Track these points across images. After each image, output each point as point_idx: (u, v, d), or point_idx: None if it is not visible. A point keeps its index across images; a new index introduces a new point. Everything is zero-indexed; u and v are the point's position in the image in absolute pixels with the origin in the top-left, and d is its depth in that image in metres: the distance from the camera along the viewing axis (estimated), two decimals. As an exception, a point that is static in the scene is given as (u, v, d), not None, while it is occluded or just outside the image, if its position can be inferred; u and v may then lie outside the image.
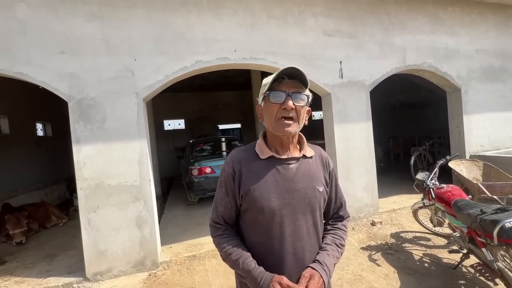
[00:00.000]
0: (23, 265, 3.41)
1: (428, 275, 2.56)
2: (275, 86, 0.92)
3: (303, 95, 0.93)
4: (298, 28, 3.78)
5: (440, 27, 4.61)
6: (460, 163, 4.29)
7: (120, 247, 2.98)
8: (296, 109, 0.92)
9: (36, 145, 7.12)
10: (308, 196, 0.97)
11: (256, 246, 0.97)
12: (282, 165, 0.98)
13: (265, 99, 0.94)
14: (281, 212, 0.94)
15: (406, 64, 4.39)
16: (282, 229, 0.95)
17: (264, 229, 0.95)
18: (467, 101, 4.81)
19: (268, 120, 0.96)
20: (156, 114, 8.81)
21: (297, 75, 0.92)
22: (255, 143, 1.04)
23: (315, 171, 1.03)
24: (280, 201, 0.94)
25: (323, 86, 3.92)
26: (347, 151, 4.05)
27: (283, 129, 0.91)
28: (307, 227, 0.98)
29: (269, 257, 0.95)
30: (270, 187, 0.94)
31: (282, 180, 0.96)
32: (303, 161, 1.02)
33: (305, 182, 0.98)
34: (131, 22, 3.06)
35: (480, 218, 2.01)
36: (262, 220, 0.95)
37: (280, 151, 0.99)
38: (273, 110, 0.92)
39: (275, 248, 0.95)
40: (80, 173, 2.88)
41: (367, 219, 4.06)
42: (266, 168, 0.97)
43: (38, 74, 2.78)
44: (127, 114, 3.03)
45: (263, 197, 0.93)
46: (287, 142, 0.99)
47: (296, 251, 0.96)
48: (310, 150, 1.05)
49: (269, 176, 0.95)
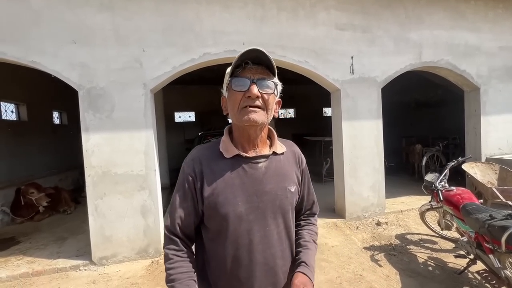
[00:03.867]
0: (35, 246, 3.58)
1: (431, 279, 2.49)
2: (238, 73, 0.81)
3: (269, 82, 0.82)
4: (309, 21, 3.69)
5: (461, 22, 4.37)
6: (475, 165, 4.12)
7: (125, 234, 3.07)
8: (263, 97, 0.81)
9: (52, 133, 7.41)
10: (279, 197, 0.87)
11: (224, 259, 0.85)
12: (249, 164, 0.86)
13: (229, 88, 0.83)
14: (249, 218, 0.84)
15: (422, 61, 4.21)
16: (251, 236, 0.84)
17: (230, 238, 0.84)
18: (486, 101, 4.57)
19: (231, 111, 0.84)
20: (167, 106, 8.92)
21: (263, 60, 0.81)
22: (220, 140, 0.91)
23: (287, 169, 0.92)
24: (247, 205, 0.83)
25: (332, 82, 3.83)
26: (355, 149, 3.96)
27: (248, 117, 0.79)
28: (278, 231, 0.88)
29: (237, 270, 0.84)
30: (236, 190, 0.83)
31: (250, 181, 0.85)
32: (274, 159, 0.90)
33: (275, 183, 0.88)
34: (141, 13, 3.08)
35: (489, 224, 1.92)
36: (227, 228, 0.83)
37: (247, 148, 0.88)
38: (236, 99, 0.81)
39: (243, 259, 0.84)
40: (88, 160, 2.96)
41: (373, 219, 3.98)
42: (231, 169, 0.85)
43: (51, 63, 2.86)
44: (134, 105, 3.08)
45: (228, 201, 0.82)
46: (255, 137, 0.87)
47: (267, 260, 0.86)
48: (281, 146, 0.94)
49: (234, 178, 0.84)
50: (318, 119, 12.78)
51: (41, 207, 4.60)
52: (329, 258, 2.99)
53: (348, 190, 3.96)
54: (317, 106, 12.68)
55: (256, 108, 0.80)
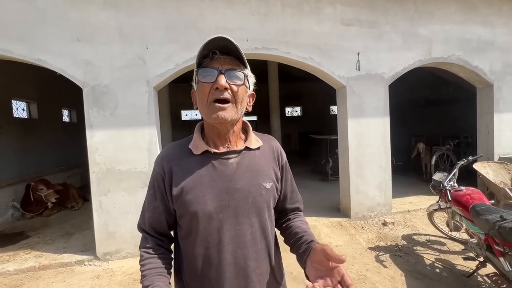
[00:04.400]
0: (43, 241, 3.66)
1: (438, 281, 2.41)
2: (206, 63, 0.76)
3: (239, 73, 0.77)
4: (314, 17, 3.62)
5: (474, 16, 4.21)
6: (487, 165, 3.97)
7: (129, 230, 3.09)
8: (232, 90, 0.76)
9: (62, 130, 7.57)
10: (252, 195, 0.82)
11: (195, 258, 0.83)
12: (219, 160, 0.83)
13: (197, 80, 0.78)
14: (218, 216, 0.80)
15: (432, 57, 4.08)
16: (220, 236, 0.81)
17: (200, 237, 0.81)
18: (499, 98, 4.40)
19: (200, 105, 0.79)
20: (174, 104, 9.00)
21: (231, 49, 0.76)
22: (191, 137, 0.88)
23: (262, 164, 0.87)
24: (217, 203, 0.80)
25: (338, 79, 3.75)
26: (361, 147, 3.88)
27: (216, 115, 0.75)
28: (252, 231, 0.83)
29: (207, 270, 0.82)
30: (205, 187, 0.80)
31: (220, 178, 0.81)
32: (247, 154, 0.86)
33: (247, 179, 0.83)
34: (144, 10, 3.08)
35: (499, 225, 1.84)
36: (197, 227, 0.80)
37: (219, 144, 0.84)
38: (204, 91, 0.76)
39: (213, 259, 0.81)
40: (93, 157, 3.00)
41: (379, 219, 3.90)
42: (200, 166, 0.82)
43: (56, 61, 2.90)
44: (138, 102, 3.09)
45: (197, 200, 0.79)
46: (225, 132, 0.83)
47: (238, 260, 0.82)
48: (256, 141, 0.89)
49: (204, 175, 0.81)
50: (325, 117, 12.65)
51: (50, 203, 4.70)
52: (332, 258, 2.93)
53: (353, 189, 3.88)
54: (324, 104, 12.55)
55: (225, 104, 0.76)
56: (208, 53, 0.76)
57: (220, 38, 0.74)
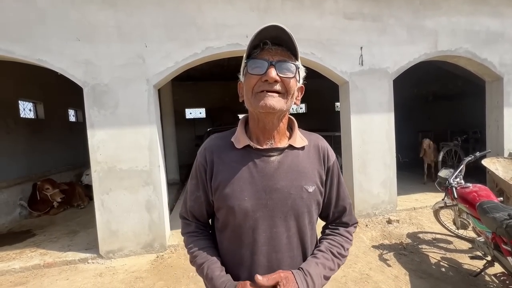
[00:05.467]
0: (49, 239, 3.72)
1: (443, 281, 2.35)
2: (256, 54, 0.73)
3: (291, 64, 0.72)
4: (316, 11, 3.54)
5: (482, 6, 4.05)
6: (496, 161, 3.85)
7: (131, 229, 3.11)
8: (284, 82, 0.72)
9: (68, 130, 7.68)
10: (291, 197, 0.78)
11: (226, 254, 0.83)
12: (261, 157, 0.80)
13: (246, 71, 0.75)
14: (255, 215, 0.77)
15: (438, 50, 3.95)
16: (255, 235, 0.78)
17: (235, 233, 0.80)
18: (510, 91, 4.24)
19: (246, 96, 0.76)
20: (178, 103, 9.00)
21: (284, 40, 0.72)
22: (235, 129, 0.87)
23: (306, 165, 0.83)
24: (254, 201, 0.77)
25: (340, 74, 3.67)
26: (364, 144, 3.80)
27: (264, 102, 0.71)
28: (288, 235, 0.80)
29: (238, 269, 0.80)
30: (243, 183, 0.78)
31: (259, 175, 0.78)
32: (290, 153, 0.82)
33: (289, 180, 0.79)
34: (143, 8, 3.06)
35: (507, 224, 1.77)
36: (233, 223, 0.79)
37: (262, 140, 0.81)
38: (251, 83, 0.73)
39: (246, 259, 0.79)
40: (94, 156, 3.01)
41: (383, 217, 3.83)
42: (241, 160, 0.80)
43: (56, 61, 2.92)
44: (138, 101, 3.09)
45: (234, 194, 0.77)
46: (271, 126, 0.78)
47: (272, 263, 0.78)
48: (302, 139, 0.85)
49: (243, 170, 0.79)
50: (330, 113, 12.49)
51: (56, 202, 4.78)
52: (335, 256, 2.89)
53: (357, 187, 3.81)
54: (329, 100, 12.38)
55: (274, 93, 0.72)
56: (259, 43, 0.73)
57: (273, 27, 0.70)
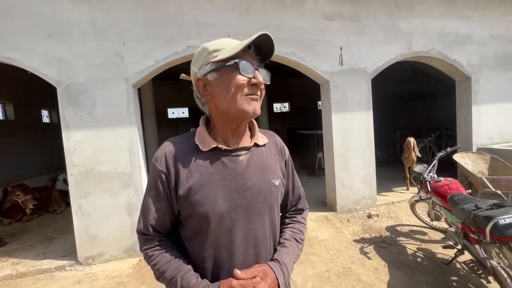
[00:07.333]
0: (22, 247, 3.52)
1: (419, 270, 2.48)
2: (242, 55, 0.73)
3: (267, 71, 0.78)
4: (296, 11, 3.60)
5: (452, 10, 4.30)
6: (466, 156, 4.10)
7: (111, 233, 3.01)
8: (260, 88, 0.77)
9: (41, 132, 7.28)
10: (262, 192, 0.81)
11: (203, 261, 0.80)
12: (229, 157, 0.80)
13: (223, 70, 0.73)
14: (230, 216, 0.77)
15: (412, 51, 4.14)
16: (232, 236, 0.78)
17: (210, 239, 0.78)
18: (477, 90, 4.53)
19: (229, 97, 0.73)
20: (159, 102, 8.80)
21: (263, 48, 0.75)
22: (194, 131, 0.83)
23: (270, 161, 0.86)
24: (228, 203, 0.77)
25: (321, 74, 3.76)
26: (345, 141, 3.91)
27: (253, 107, 0.74)
28: (263, 230, 0.82)
29: (217, 272, 0.79)
30: (215, 186, 0.76)
31: (231, 176, 0.78)
32: (255, 151, 0.84)
33: (258, 176, 0.81)
34: (120, 5, 2.97)
35: (474, 214, 1.89)
36: (207, 229, 0.77)
37: (230, 140, 0.81)
38: (240, 84, 0.72)
39: (224, 260, 0.79)
40: (70, 159, 2.88)
41: (364, 211, 3.97)
42: (209, 163, 0.78)
43: (27, 59, 2.76)
44: (116, 101, 2.99)
45: (207, 200, 0.75)
46: (243, 128, 0.82)
47: (249, 260, 0.80)
48: (262, 137, 0.88)
49: (214, 173, 0.77)
50: (313, 112, 12.71)
51: (28, 209, 4.51)
52: (318, 251, 2.97)
53: (339, 183, 3.92)
54: (312, 99, 12.60)
55: (258, 98, 0.76)
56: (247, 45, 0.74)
57: (266, 35, 0.71)
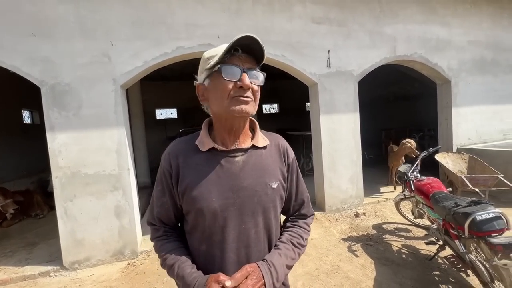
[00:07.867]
0: (2, 254, 3.37)
1: (404, 266, 2.58)
2: (226, 59, 0.76)
3: (259, 73, 0.79)
4: (285, 14, 3.66)
5: (433, 16, 4.50)
6: (447, 155, 4.30)
7: (98, 237, 2.95)
8: (253, 89, 0.78)
9: (22, 133, 6.99)
10: (257, 194, 0.83)
11: (197, 255, 0.85)
12: (225, 158, 0.84)
13: (213, 75, 0.78)
14: (223, 214, 0.81)
15: (396, 55, 4.30)
16: (224, 234, 0.82)
17: (205, 234, 0.83)
18: (456, 93, 4.76)
19: (218, 101, 0.79)
20: (147, 103, 8.65)
21: (254, 49, 0.77)
22: (198, 133, 0.89)
23: (269, 163, 0.88)
24: (222, 201, 0.81)
25: (310, 76, 3.83)
26: (333, 142, 4.01)
27: (239, 108, 0.76)
28: (256, 230, 0.84)
29: (210, 268, 0.82)
30: (210, 185, 0.81)
31: (225, 176, 0.82)
32: (253, 153, 0.87)
33: (254, 178, 0.84)
34: (108, 4, 2.92)
35: (454, 211, 2.00)
36: (202, 224, 0.82)
37: (227, 140, 0.85)
38: (225, 88, 0.76)
39: (216, 257, 0.82)
40: (55, 161, 2.80)
41: (351, 210, 4.07)
42: (206, 163, 0.83)
43: (9, 58, 2.66)
44: (104, 101, 2.94)
45: (202, 196, 0.80)
46: (238, 128, 0.84)
47: (241, 259, 0.82)
48: (263, 139, 0.90)
49: (210, 172, 0.82)
50: (302, 113, 12.88)
51: (9, 214, 4.33)
52: (308, 251, 3.02)
53: (327, 183, 4.01)
54: (301, 100, 12.77)
55: (248, 99, 0.77)
56: (230, 49, 0.75)
57: (248, 37, 0.73)
